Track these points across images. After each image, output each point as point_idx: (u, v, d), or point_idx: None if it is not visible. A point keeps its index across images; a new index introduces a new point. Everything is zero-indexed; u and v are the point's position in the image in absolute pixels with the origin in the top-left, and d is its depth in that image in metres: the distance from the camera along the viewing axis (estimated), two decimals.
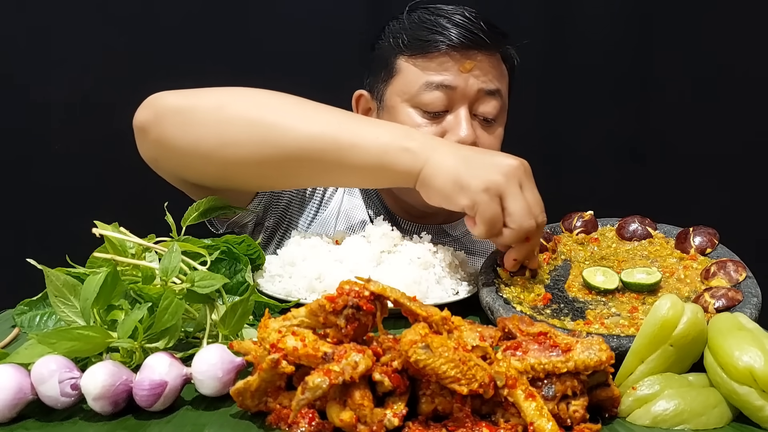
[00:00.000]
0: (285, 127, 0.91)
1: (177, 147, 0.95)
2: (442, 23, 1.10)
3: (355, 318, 0.60)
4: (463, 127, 1.08)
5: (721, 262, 0.86)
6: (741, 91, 1.80)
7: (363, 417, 0.56)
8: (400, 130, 0.94)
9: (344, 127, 0.91)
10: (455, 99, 1.10)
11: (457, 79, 1.09)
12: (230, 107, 0.93)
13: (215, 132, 0.92)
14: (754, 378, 0.59)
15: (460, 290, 0.96)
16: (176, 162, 0.98)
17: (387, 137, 0.90)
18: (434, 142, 0.91)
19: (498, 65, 1.14)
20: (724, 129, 1.81)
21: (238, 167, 0.94)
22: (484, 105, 1.11)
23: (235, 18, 1.72)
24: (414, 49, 1.11)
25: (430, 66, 1.10)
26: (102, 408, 0.61)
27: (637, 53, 1.81)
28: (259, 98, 0.95)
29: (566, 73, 1.80)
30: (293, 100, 0.96)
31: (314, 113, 0.93)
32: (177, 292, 0.72)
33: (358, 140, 0.90)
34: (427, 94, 1.09)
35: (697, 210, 1.69)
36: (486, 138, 1.13)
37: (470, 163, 0.86)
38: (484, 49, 1.11)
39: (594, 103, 1.82)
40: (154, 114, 0.96)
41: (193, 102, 0.95)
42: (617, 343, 0.71)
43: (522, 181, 0.86)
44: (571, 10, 1.80)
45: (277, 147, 0.91)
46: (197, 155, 0.94)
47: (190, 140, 0.93)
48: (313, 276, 0.92)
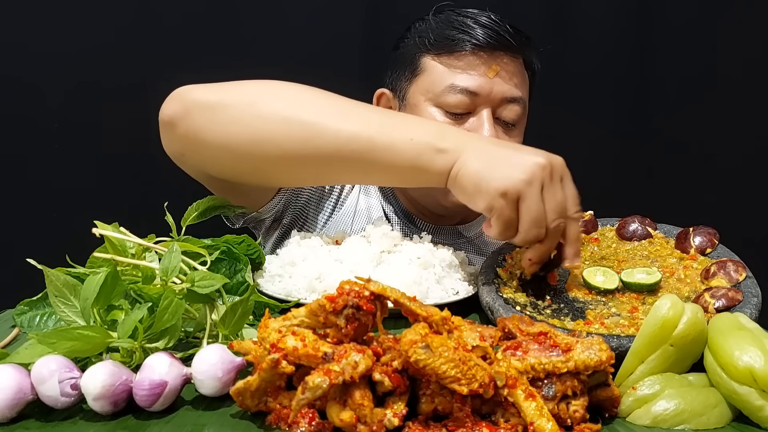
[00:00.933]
0: (322, 125, 0.90)
1: (207, 142, 0.93)
2: (469, 23, 1.12)
3: (355, 318, 0.60)
4: (486, 128, 1.09)
5: (721, 262, 0.86)
6: (741, 91, 1.80)
7: (363, 417, 0.56)
8: (433, 129, 0.91)
9: (379, 127, 0.89)
10: (478, 103, 1.11)
11: (481, 85, 1.10)
12: (264, 103, 0.91)
13: (249, 129, 0.90)
14: (754, 378, 0.59)
15: (460, 290, 0.95)
16: (204, 157, 0.97)
17: (421, 138, 0.88)
18: (467, 140, 0.89)
19: (521, 71, 1.16)
20: (724, 129, 1.81)
21: (271, 164, 0.93)
22: (507, 111, 1.13)
23: (235, 17, 1.72)
24: (440, 48, 1.12)
25: (455, 65, 1.11)
26: (102, 408, 0.61)
27: (637, 53, 1.81)
28: (293, 94, 0.94)
29: (566, 73, 1.80)
30: (327, 97, 0.94)
31: (349, 112, 0.92)
32: (177, 292, 0.72)
33: (393, 141, 0.88)
34: (452, 96, 1.10)
35: (697, 210, 1.68)
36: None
37: (495, 163, 0.84)
38: (510, 52, 1.12)
39: (594, 102, 1.82)
40: (183, 108, 0.94)
41: (224, 97, 0.93)
42: (617, 343, 0.71)
43: (545, 182, 0.83)
44: (571, 10, 1.80)
45: (313, 146, 0.89)
46: (228, 151, 0.93)
47: (223, 136, 0.92)
48: (313, 276, 0.92)
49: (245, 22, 1.73)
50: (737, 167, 1.83)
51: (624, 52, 1.81)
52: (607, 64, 1.81)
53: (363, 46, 1.72)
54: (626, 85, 1.83)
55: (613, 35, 1.80)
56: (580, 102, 1.82)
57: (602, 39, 1.80)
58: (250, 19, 1.73)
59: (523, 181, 0.82)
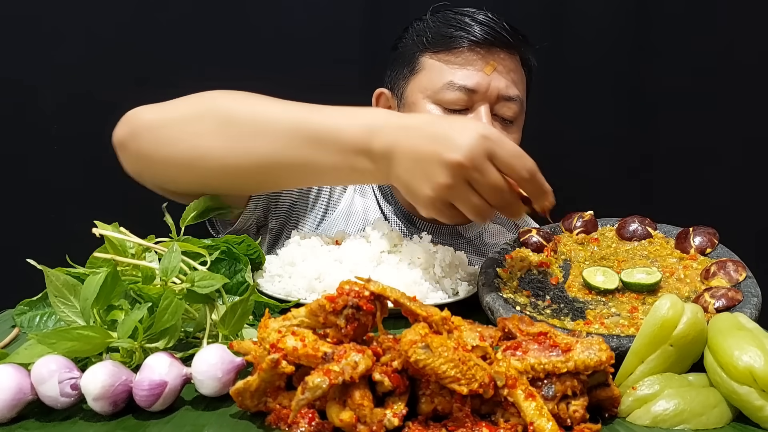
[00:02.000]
0: (255, 137, 0.90)
1: (155, 161, 0.96)
2: (467, 21, 1.13)
3: (355, 318, 0.60)
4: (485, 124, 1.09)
5: (721, 262, 0.86)
6: (741, 90, 1.80)
7: (363, 417, 0.56)
8: (361, 132, 0.87)
9: (311, 132, 0.88)
10: (476, 99, 1.12)
11: (479, 82, 1.11)
12: (202, 119, 0.93)
13: (190, 144, 0.93)
14: (754, 378, 0.59)
15: (460, 290, 0.96)
16: (158, 175, 0.99)
17: (350, 142, 0.86)
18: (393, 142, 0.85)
19: (518, 68, 1.17)
20: (724, 128, 1.81)
21: (215, 176, 0.94)
22: (505, 108, 1.14)
23: (233, 17, 1.72)
24: (438, 46, 1.14)
25: (453, 62, 1.12)
26: (102, 408, 0.61)
27: (636, 52, 1.81)
28: (229, 106, 0.94)
29: (566, 73, 1.80)
30: (261, 105, 0.93)
31: (282, 117, 0.90)
32: (177, 292, 0.72)
33: (324, 147, 0.87)
34: (449, 93, 1.11)
35: (697, 210, 1.68)
36: None
37: (416, 171, 0.82)
38: (507, 49, 1.13)
39: (594, 102, 1.82)
40: (131, 130, 0.97)
41: (164, 116, 0.96)
42: (617, 343, 0.71)
43: (471, 176, 0.80)
44: (570, 9, 1.80)
45: (250, 155, 0.90)
46: (175, 167, 0.95)
47: (167, 154, 0.94)
48: (313, 276, 0.92)
49: (247, 17, 1.73)
50: (737, 167, 1.83)
51: (624, 51, 1.81)
52: (607, 64, 1.80)
53: (362, 43, 1.72)
54: (626, 84, 1.83)
55: (613, 34, 1.80)
56: (580, 102, 1.82)
57: (602, 38, 1.80)
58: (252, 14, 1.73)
59: (447, 183, 0.81)
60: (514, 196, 0.84)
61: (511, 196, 0.83)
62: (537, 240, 0.97)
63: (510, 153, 0.81)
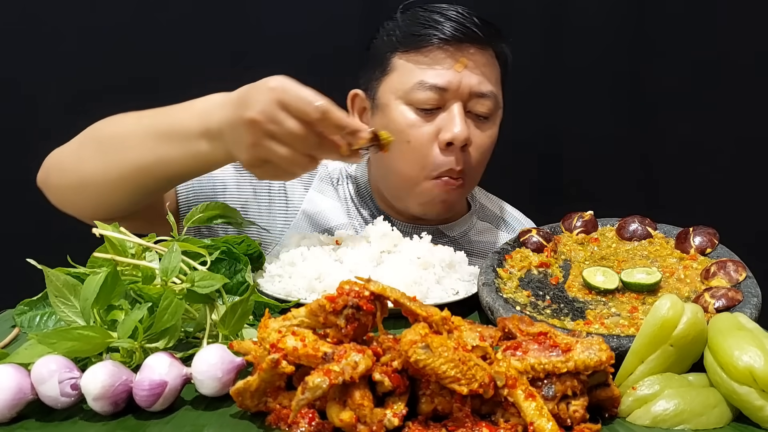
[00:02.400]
0: (121, 149, 0.98)
1: (63, 192, 1.04)
2: (436, 18, 1.11)
3: (355, 318, 0.60)
4: (457, 122, 1.09)
5: (721, 262, 0.86)
6: (741, 90, 1.80)
7: (363, 417, 0.56)
8: (197, 119, 0.93)
9: (160, 130, 0.95)
10: (448, 98, 1.10)
11: (450, 80, 1.09)
12: (83, 146, 1.02)
13: (77, 171, 1.01)
14: (754, 378, 0.59)
15: (460, 290, 0.95)
16: (72, 205, 1.05)
17: (189, 130, 0.93)
18: (219, 123, 0.91)
19: (491, 63, 1.14)
20: (724, 128, 1.81)
21: (105, 193, 1.00)
22: (478, 104, 1.12)
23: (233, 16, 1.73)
24: (407, 45, 1.12)
25: (423, 61, 1.11)
26: (102, 408, 0.61)
27: (636, 52, 1.81)
28: (101, 129, 1.02)
29: (566, 73, 1.80)
30: (123, 121, 1.01)
31: (138, 125, 0.98)
32: (177, 292, 0.72)
33: (172, 140, 0.94)
34: (420, 93, 1.10)
35: (697, 210, 1.68)
36: (479, 136, 1.13)
37: (232, 139, 0.89)
38: (477, 44, 1.11)
39: (594, 102, 1.82)
40: (45, 171, 1.06)
41: (63, 152, 1.04)
42: (617, 343, 0.71)
43: (269, 130, 0.85)
44: (570, 9, 1.80)
45: (122, 166, 0.97)
46: (75, 194, 1.02)
47: (66, 184, 1.03)
48: (313, 276, 0.92)
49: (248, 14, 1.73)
50: (737, 167, 1.83)
51: (625, 52, 1.81)
52: (607, 64, 1.81)
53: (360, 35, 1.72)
54: (626, 84, 1.83)
55: (613, 34, 1.80)
56: (581, 101, 1.82)
57: (602, 38, 1.80)
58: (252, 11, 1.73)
59: (251, 145, 0.87)
60: (322, 139, 0.88)
61: (317, 139, 0.87)
62: (537, 240, 0.97)
63: (297, 97, 0.85)
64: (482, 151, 1.15)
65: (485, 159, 1.17)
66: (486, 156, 1.17)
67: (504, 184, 1.49)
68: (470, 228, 1.30)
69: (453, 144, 1.09)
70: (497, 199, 1.41)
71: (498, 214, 1.36)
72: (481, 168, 1.18)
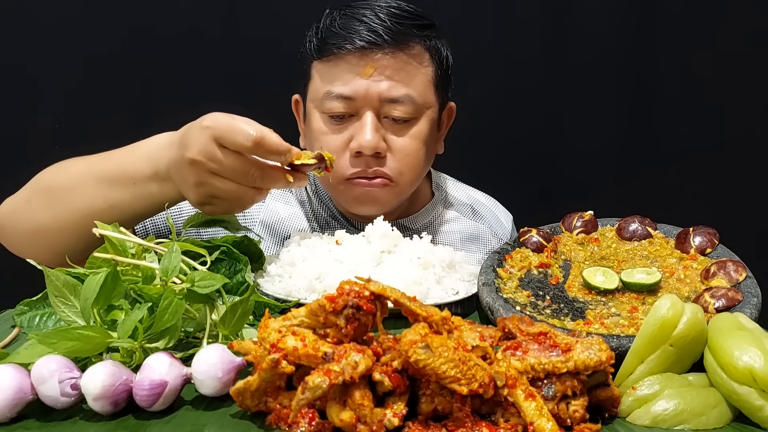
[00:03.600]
0: (70, 196, 0.97)
1: (18, 243, 1.04)
2: (349, 24, 1.09)
3: (355, 318, 0.60)
4: (366, 132, 1.07)
5: (721, 262, 0.86)
6: (742, 90, 1.80)
7: (363, 417, 0.56)
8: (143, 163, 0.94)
9: (108, 176, 0.95)
10: (359, 105, 1.09)
11: (355, 90, 1.07)
12: (31, 198, 1.01)
13: (29, 222, 1.00)
14: (754, 378, 0.59)
15: (460, 290, 0.95)
16: (31, 253, 1.00)
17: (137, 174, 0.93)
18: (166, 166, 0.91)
19: (406, 66, 1.09)
20: (724, 128, 1.81)
21: (61, 241, 0.98)
22: (392, 110, 1.09)
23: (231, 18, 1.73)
24: (321, 53, 1.11)
25: (333, 70, 1.09)
26: (102, 408, 0.61)
27: (637, 52, 1.81)
28: (46, 179, 1.02)
29: (566, 73, 1.80)
30: (68, 169, 1.01)
31: (86, 172, 0.97)
32: (177, 292, 0.72)
33: (121, 185, 0.94)
34: (328, 102, 1.09)
35: (697, 210, 1.68)
36: (397, 140, 1.11)
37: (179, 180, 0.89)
38: (387, 48, 1.07)
39: (594, 102, 1.82)
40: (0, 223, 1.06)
41: (12, 204, 1.04)
42: (617, 343, 0.71)
43: (210, 168, 0.85)
44: (571, 9, 1.80)
45: (73, 213, 0.96)
46: (30, 245, 1.01)
47: (19, 236, 1.03)
48: (313, 276, 0.92)
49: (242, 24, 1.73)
50: (738, 167, 1.83)
51: (625, 52, 1.81)
52: (607, 64, 1.81)
53: None
54: (627, 84, 1.83)
55: (615, 32, 1.80)
56: (581, 101, 1.82)
57: (603, 36, 1.80)
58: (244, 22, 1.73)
59: (196, 184, 0.87)
60: (263, 169, 0.87)
61: (258, 171, 0.86)
62: (537, 240, 0.97)
63: (230, 131, 0.83)
64: (407, 153, 1.12)
65: (416, 159, 1.13)
66: (416, 156, 1.13)
67: (504, 183, 1.50)
68: (435, 218, 1.29)
69: (361, 153, 1.08)
70: (467, 188, 1.38)
71: (466, 202, 1.34)
72: (413, 168, 1.14)
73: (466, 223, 1.31)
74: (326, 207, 1.25)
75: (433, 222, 1.28)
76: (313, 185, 1.26)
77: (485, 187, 1.40)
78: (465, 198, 1.35)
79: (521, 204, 1.45)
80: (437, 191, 1.32)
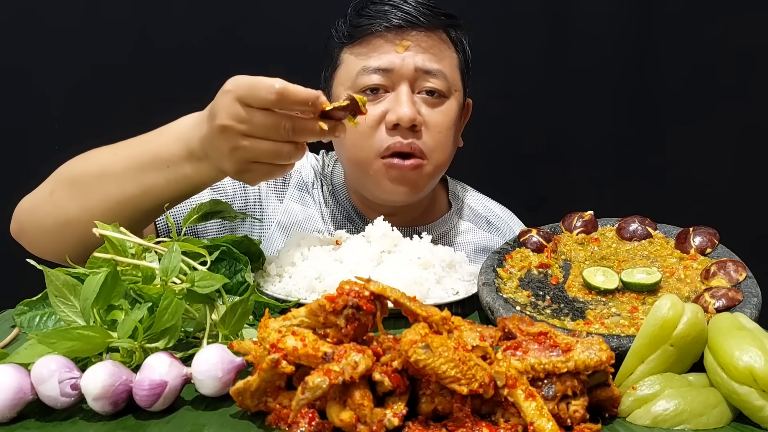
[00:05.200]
0: (100, 186, 0.96)
1: (43, 240, 1.02)
2: (380, 8, 1.13)
3: (355, 318, 0.60)
4: (403, 102, 1.09)
5: (721, 262, 0.86)
6: (742, 90, 1.80)
7: (363, 417, 0.56)
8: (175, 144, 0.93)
9: (140, 161, 0.94)
10: (394, 80, 1.11)
11: (392, 61, 1.11)
12: (55, 190, 1.00)
13: (54, 215, 0.99)
14: (754, 378, 0.59)
15: (460, 290, 0.96)
16: (54, 250, 1.03)
17: (170, 156, 0.92)
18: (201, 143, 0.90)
19: (440, 46, 1.15)
20: (724, 128, 1.81)
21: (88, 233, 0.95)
22: (426, 82, 1.12)
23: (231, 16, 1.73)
24: (353, 38, 1.14)
25: (366, 51, 1.13)
26: (102, 408, 0.61)
27: (638, 52, 1.81)
28: (70, 171, 1.01)
29: (567, 73, 1.80)
30: (95, 158, 1.00)
31: (114, 160, 0.97)
32: (177, 292, 0.72)
33: (155, 168, 0.93)
34: (364, 77, 1.12)
35: (697, 210, 1.68)
36: (431, 115, 1.13)
37: (216, 154, 0.88)
38: (422, 28, 1.12)
39: (594, 102, 1.82)
40: (18, 222, 1.06)
41: (34, 199, 1.04)
42: (617, 343, 0.71)
43: (242, 130, 0.84)
44: (572, 9, 1.80)
45: (103, 202, 0.96)
46: (58, 239, 1.00)
47: (46, 230, 1.01)
48: (313, 276, 0.92)
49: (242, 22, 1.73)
50: (738, 167, 1.83)
51: (625, 51, 1.81)
52: (608, 64, 1.80)
53: None
54: (627, 84, 1.83)
55: (614, 34, 1.80)
56: (581, 101, 1.82)
57: (603, 38, 1.80)
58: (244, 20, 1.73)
59: (232, 151, 0.85)
60: (293, 120, 0.85)
61: (289, 122, 0.85)
62: (537, 240, 0.97)
63: (251, 88, 0.83)
64: (439, 129, 1.13)
65: (446, 138, 1.15)
66: (447, 135, 1.15)
67: (504, 183, 1.50)
68: (450, 228, 1.29)
69: (399, 125, 1.09)
70: (484, 198, 1.38)
71: (482, 213, 1.35)
72: (444, 148, 1.15)
73: (481, 234, 1.31)
74: (342, 208, 1.25)
75: (448, 232, 1.28)
76: (330, 185, 1.26)
77: (485, 187, 1.40)
78: (481, 209, 1.35)
79: (521, 204, 1.45)
80: (454, 201, 1.33)
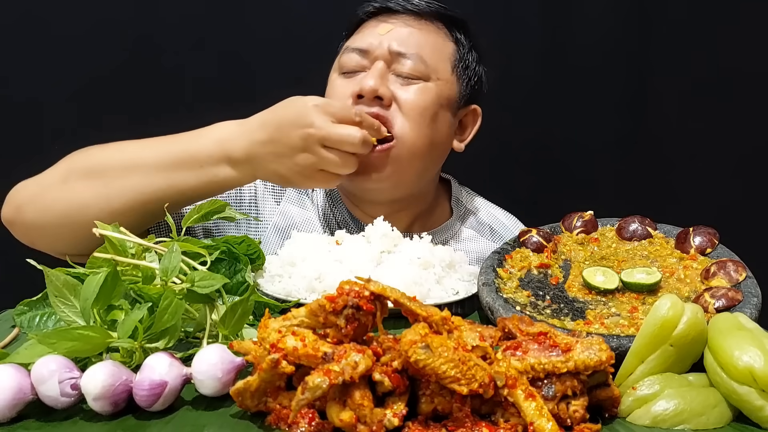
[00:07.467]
0: (124, 177, 0.99)
1: (44, 228, 1.02)
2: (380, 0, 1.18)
3: (355, 318, 0.60)
4: (369, 75, 1.10)
5: (721, 262, 0.86)
6: (741, 90, 1.80)
7: (363, 417, 0.56)
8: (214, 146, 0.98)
9: (173, 158, 0.98)
10: (372, 59, 1.13)
11: (370, 42, 1.13)
12: (68, 178, 1.01)
13: (65, 203, 0.99)
14: (754, 378, 0.59)
15: (460, 290, 0.95)
16: (51, 241, 1.03)
17: (207, 157, 0.98)
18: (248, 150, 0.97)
19: (427, 32, 1.16)
20: (723, 128, 1.81)
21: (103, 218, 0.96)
22: (400, 65, 1.13)
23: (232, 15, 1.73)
24: (351, 30, 1.20)
25: (352, 37, 1.18)
26: (102, 408, 0.61)
27: (638, 53, 1.81)
28: (87, 159, 1.02)
29: (566, 73, 1.80)
30: (120, 149, 1.02)
31: (143, 153, 1.00)
32: (177, 292, 0.72)
33: (187, 167, 0.98)
34: (345, 57, 1.15)
35: (697, 210, 1.68)
36: (403, 93, 1.11)
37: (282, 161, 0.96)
38: (411, 14, 1.16)
39: (594, 103, 1.82)
40: (15, 207, 1.04)
41: (40, 185, 1.03)
42: (617, 343, 0.71)
43: (321, 139, 0.94)
44: (571, 9, 1.80)
45: (124, 194, 0.98)
46: (62, 228, 1.00)
47: (50, 218, 1.01)
48: (313, 276, 0.92)
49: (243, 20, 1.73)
50: (737, 167, 1.83)
51: (625, 52, 1.81)
52: (607, 64, 1.81)
53: None
54: (627, 84, 1.83)
55: (614, 34, 1.80)
56: (581, 101, 1.82)
57: (603, 38, 1.80)
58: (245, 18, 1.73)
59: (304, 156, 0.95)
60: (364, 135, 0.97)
61: (362, 136, 0.96)
62: (537, 240, 0.97)
63: (339, 107, 0.97)
64: (410, 108, 1.10)
65: (420, 119, 1.11)
66: (421, 116, 1.11)
67: (504, 183, 1.50)
68: (452, 236, 1.27)
69: (363, 97, 1.09)
70: (488, 204, 1.35)
71: (486, 221, 1.32)
72: (417, 130, 1.11)
73: (484, 243, 1.28)
74: (339, 211, 1.24)
75: (449, 240, 1.27)
76: (328, 189, 1.26)
77: (485, 187, 1.40)
78: (485, 216, 1.32)
79: (521, 204, 1.45)
80: (456, 207, 1.30)
